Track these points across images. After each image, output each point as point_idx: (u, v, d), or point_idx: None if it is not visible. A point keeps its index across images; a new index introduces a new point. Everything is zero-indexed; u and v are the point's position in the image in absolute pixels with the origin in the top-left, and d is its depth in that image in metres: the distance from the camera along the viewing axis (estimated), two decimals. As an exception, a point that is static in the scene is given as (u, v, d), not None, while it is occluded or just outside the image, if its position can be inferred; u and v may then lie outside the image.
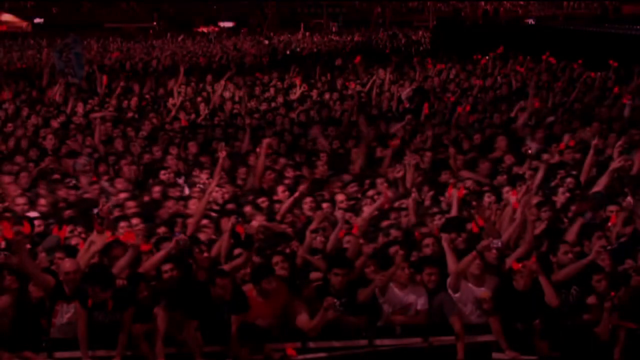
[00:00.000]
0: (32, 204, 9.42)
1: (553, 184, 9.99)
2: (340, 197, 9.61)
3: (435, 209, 9.12)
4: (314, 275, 7.72)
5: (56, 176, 10.56)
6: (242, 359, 7.10)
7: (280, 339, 7.23)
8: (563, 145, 11.17)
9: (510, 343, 7.26)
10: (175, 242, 7.57)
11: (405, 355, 7.29)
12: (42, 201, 9.49)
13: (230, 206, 9.36)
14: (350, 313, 7.30)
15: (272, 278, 7.29)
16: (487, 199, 9.34)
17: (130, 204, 9.31)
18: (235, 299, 7.17)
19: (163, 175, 10.55)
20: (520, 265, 7.32)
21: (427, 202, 9.53)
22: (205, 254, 7.67)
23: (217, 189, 9.50)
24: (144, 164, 11.39)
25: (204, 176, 10.45)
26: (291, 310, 7.32)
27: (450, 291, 7.48)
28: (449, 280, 7.49)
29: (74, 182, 10.47)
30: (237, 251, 7.76)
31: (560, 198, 9.41)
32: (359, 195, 9.86)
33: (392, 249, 7.84)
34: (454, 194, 8.94)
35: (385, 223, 8.81)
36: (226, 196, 9.81)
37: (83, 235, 8.32)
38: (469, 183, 9.94)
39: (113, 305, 7.02)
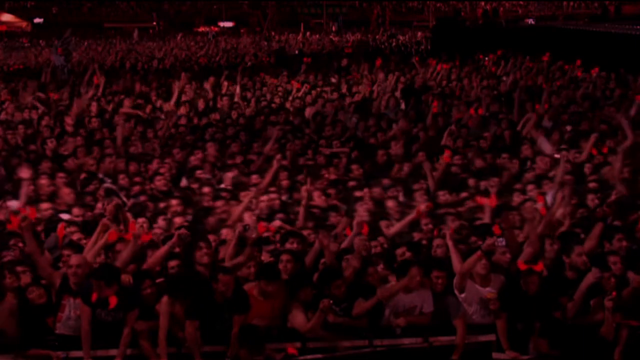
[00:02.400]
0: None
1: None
2: (390, 203, 9.40)
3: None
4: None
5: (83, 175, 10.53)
6: (243, 359, 7.12)
7: (281, 339, 7.23)
8: (595, 151, 11.06)
9: (511, 343, 7.27)
10: (177, 237, 7.60)
11: (405, 355, 7.28)
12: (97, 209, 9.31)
13: (279, 215, 9.12)
14: (350, 317, 7.31)
15: (272, 282, 7.27)
16: (516, 198, 9.31)
17: (175, 202, 9.23)
18: (236, 298, 7.16)
19: (201, 174, 10.43)
20: (526, 266, 7.30)
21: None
22: (205, 250, 7.65)
23: (263, 198, 9.40)
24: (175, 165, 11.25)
25: (229, 175, 10.39)
26: (289, 311, 7.32)
27: (456, 291, 7.46)
28: (454, 280, 7.48)
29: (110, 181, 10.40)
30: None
31: (590, 204, 9.35)
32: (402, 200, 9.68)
33: (399, 250, 7.83)
34: (486, 204, 8.86)
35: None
36: (276, 203, 9.49)
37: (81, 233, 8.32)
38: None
39: (117, 304, 7.02)
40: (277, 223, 8.78)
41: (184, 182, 10.52)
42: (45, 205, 9.20)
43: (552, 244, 7.93)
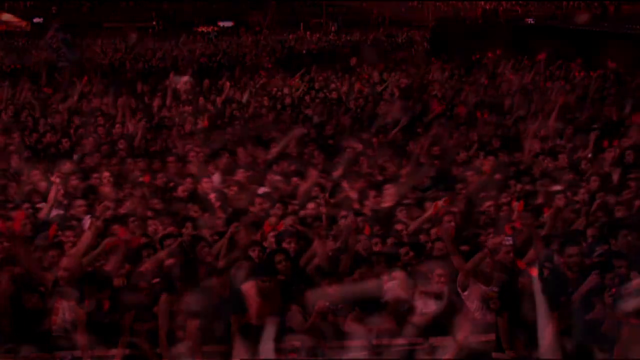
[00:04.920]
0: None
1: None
2: (427, 204, 9.32)
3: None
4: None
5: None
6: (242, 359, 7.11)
7: (280, 339, 7.21)
8: (606, 144, 11.11)
9: (511, 343, 7.25)
10: (179, 244, 7.65)
11: (405, 355, 7.28)
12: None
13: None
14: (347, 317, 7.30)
15: (266, 278, 7.29)
16: (558, 201, 9.26)
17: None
18: (234, 298, 7.18)
19: (239, 175, 10.41)
20: (523, 267, 7.30)
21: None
22: (207, 248, 7.73)
23: (310, 206, 9.28)
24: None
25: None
26: (286, 311, 7.33)
27: (459, 289, 7.46)
28: (458, 278, 7.47)
29: None
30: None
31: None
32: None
33: (403, 250, 7.81)
34: (515, 207, 8.82)
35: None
36: (322, 209, 9.18)
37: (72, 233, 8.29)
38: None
39: (111, 306, 7.00)
40: (289, 221, 8.72)
41: (216, 180, 10.44)
42: (79, 202, 9.16)
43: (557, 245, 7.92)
